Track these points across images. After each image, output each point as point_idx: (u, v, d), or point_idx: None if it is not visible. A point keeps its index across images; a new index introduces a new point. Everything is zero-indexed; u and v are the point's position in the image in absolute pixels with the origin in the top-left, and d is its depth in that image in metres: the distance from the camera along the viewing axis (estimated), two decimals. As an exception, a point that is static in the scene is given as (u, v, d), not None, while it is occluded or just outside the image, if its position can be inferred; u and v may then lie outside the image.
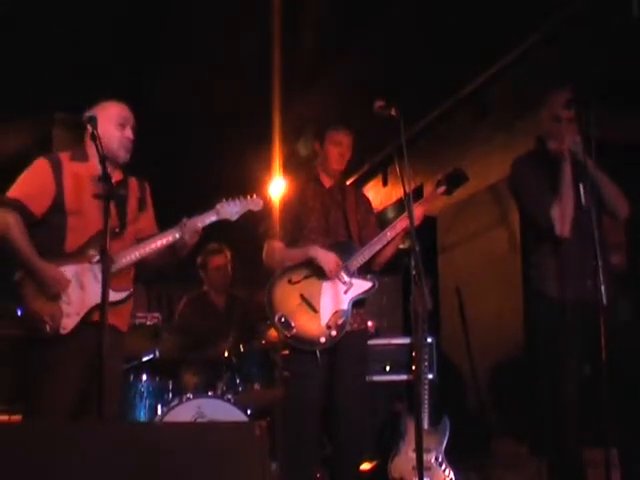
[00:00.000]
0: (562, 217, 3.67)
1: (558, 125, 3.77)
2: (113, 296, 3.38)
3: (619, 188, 3.75)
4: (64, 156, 3.61)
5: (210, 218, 3.63)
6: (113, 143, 3.56)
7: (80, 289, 3.43)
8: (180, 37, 5.33)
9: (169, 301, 8.68)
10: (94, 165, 3.54)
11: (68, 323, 3.38)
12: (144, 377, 4.80)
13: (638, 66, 4.34)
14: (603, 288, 3.34)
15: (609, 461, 3.29)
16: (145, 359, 4.94)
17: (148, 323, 5.12)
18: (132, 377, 4.81)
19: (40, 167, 3.55)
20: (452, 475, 4.50)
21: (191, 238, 3.59)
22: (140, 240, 3.62)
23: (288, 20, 4.87)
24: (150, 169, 3.84)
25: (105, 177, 3.27)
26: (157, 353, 4.93)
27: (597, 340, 3.33)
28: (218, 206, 3.65)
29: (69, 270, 3.44)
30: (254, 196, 3.75)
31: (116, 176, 3.59)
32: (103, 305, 3.12)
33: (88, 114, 3.45)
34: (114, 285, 3.39)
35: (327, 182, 4.27)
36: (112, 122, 3.57)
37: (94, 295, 3.39)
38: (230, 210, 3.67)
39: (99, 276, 3.39)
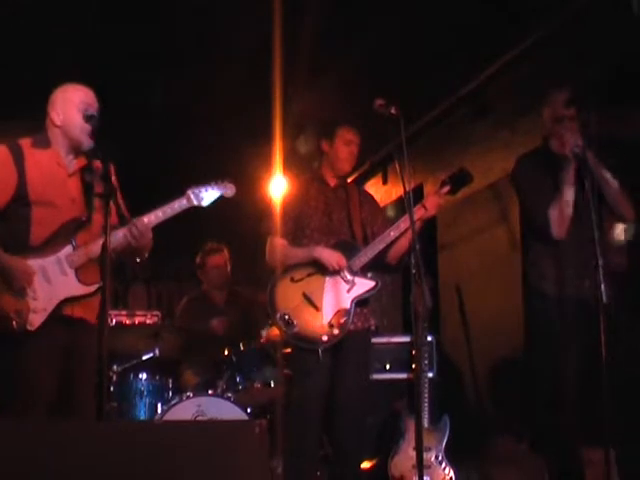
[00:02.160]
0: (559, 219, 3.67)
1: (560, 125, 3.77)
2: (82, 289, 3.32)
3: (623, 190, 3.74)
4: (25, 143, 3.46)
5: (181, 204, 3.49)
6: (75, 129, 3.42)
7: (47, 283, 3.31)
8: (180, 34, 5.32)
9: (169, 300, 8.69)
10: (57, 152, 3.46)
11: (35, 319, 3.26)
12: (144, 376, 4.80)
13: (638, 64, 4.33)
14: (603, 286, 3.34)
15: (609, 461, 3.29)
16: (145, 358, 4.95)
17: (148, 322, 5.14)
18: (132, 376, 4.81)
19: (0, 156, 3.38)
20: (452, 473, 4.50)
21: (138, 240, 3.41)
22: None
23: (289, 17, 4.86)
24: (150, 166, 3.84)
25: (105, 175, 3.21)
26: (157, 352, 4.94)
27: (596, 339, 3.34)
28: (189, 191, 3.51)
29: (35, 264, 3.31)
30: (226, 181, 3.61)
31: (80, 162, 3.50)
32: (103, 304, 3.07)
33: (88, 112, 3.40)
34: (83, 278, 3.32)
35: (332, 181, 4.24)
36: (74, 107, 3.43)
37: (61, 289, 3.31)
38: (201, 196, 3.52)
39: (67, 269, 3.32)
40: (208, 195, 3.54)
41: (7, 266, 3.26)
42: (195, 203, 3.51)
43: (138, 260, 3.64)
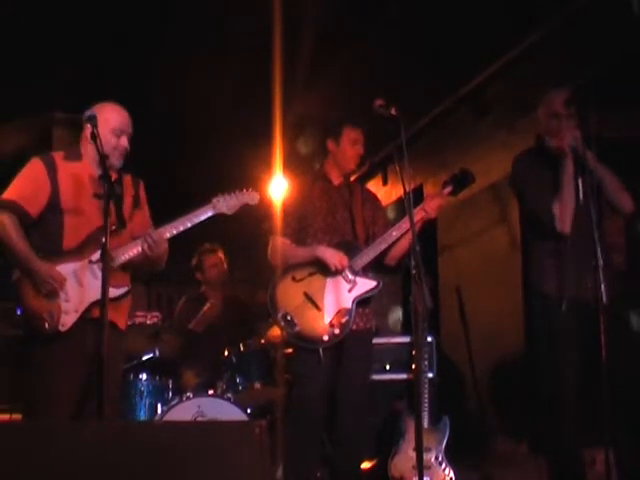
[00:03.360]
0: (563, 213, 3.67)
1: (557, 122, 3.77)
2: (112, 292, 3.37)
3: (622, 183, 3.75)
4: (58, 156, 3.63)
5: (207, 213, 3.62)
6: (107, 150, 3.52)
7: (79, 286, 3.45)
8: (179, 35, 5.32)
9: (169, 301, 8.69)
10: (88, 164, 3.60)
11: (67, 320, 3.40)
12: (144, 376, 4.80)
13: (638, 64, 4.34)
14: (603, 287, 3.33)
15: (609, 461, 3.29)
16: (145, 358, 4.95)
17: (148, 322, 5.12)
18: (132, 376, 4.81)
19: (34, 167, 3.57)
20: (452, 474, 4.49)
21: (153, 250, 3.53)
22: (135, 238, 3.62)
23: (289, 17, 4.86)
24: (150, 168, 3.84)
25: (105, 176, 3.28)
26: (157, 352, 4.94)
27: (596, 339, 3.34)
28: (214, 200, 3.64)
29: (67, 268, 3.45)
30: (250, 190, 3.73)
31: (111, 175, 3.58)
32: (103, 303, 3.12)
33: (88, 113, 3.46)
34: (112, 282, 3.39)
35: (336, 180, 4.23)
36: (109, 128, 3.55)
37: (92, 292, 3.41)
38: (226, 204, 3.65)
39: (98, 273, 3.42)
40: (233, 203, 3.66)
41: (36, 271, 3.40)
42: (221, 211, 3.64)
43: (153, 269, 3.75)
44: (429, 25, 5.08)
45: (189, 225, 3.59)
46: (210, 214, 3.63)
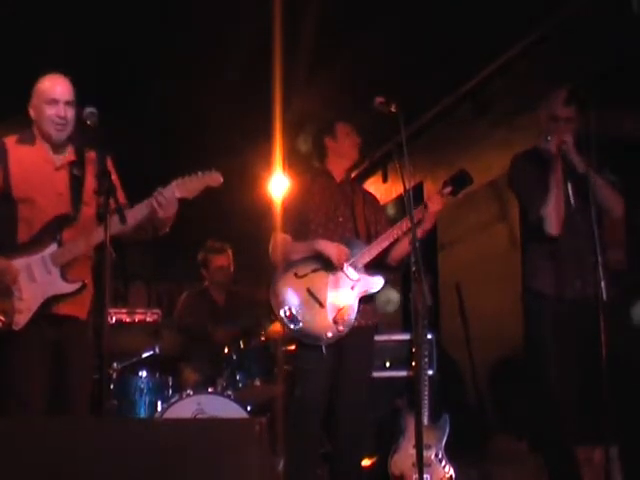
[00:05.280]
0: (552, 215, 3.69)
1: (555, 124, 3.78)
2: (66, 288, 3.32)
3: (613, 187, 3.76)
4: (10, 140, 3.44)
5: (168, 194, 3.33)
6: (44, 122, 3.37)
7: (32, 282, 3.31)
8: (179, 33, 5.32)
9: (170, 299, 8.68)
10: (43, 147, 3.43)
11: (20, 319, 3.28)
12: (144, 373, 4.80)
13: (638, 64, 4.34)
14: (603, 284, 3.34)
15: (609, 459, 3.30)
16: (145, 355, 4.95)
17: (148, 320, 5.13)
18: (132, 374, 4.81)
19: None
20: (452, 471, 4.50)
21: (166, 211, 3.33)
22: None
23: (289, 15, 4.86)
24: (149, 165, 3.83)
25: (103, 173, 3.16)
26: (157, 349, 4.94)
27: (594, 337, 3.34)
28: (174, 183, 3.36)
29: (19, 263, 3.30)
30: (212, 170, 3.42)
31: (68, 156, 3.47)
32: (104, 303, 3.08)
33: (88, 110, 3.30)
34: (68, 276, 3.32)
35: (338, 176, 4.23)
36: (41, 99, 3.37)
37: (45, 288, 3.31)
38: (186, 187, 3.36)
39: (51, 268, 3.31)
40: (194, 185, 3.37)
41: None
42: (182, 195, 3.35)
43: (158, 233, 3.52)
44: (429, 24, 5.08)
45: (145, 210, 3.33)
46: (171, 196, 3.33)
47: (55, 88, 3.39)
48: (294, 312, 3.90)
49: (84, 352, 3.47)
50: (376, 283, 4.03)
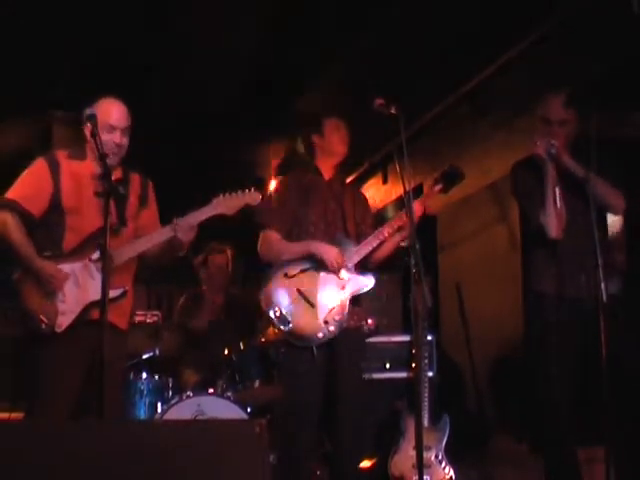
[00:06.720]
0: (552, 221, 3.69)
1: (548, 127, 3.79)
2: (109, 293, 3.34)
3: (612, 185, 3.76)
4: (62, 155, 3.63)
5: (207, 213, 3.60)
6: (103, 145, 3.47)
7: (76, 287, 3.45)
8: (179, 34, 5.33)
9: (169, 301, 8.67)
10: (90, 163, 3.59)
11: (63, 321, 3.40)
12: (144, 375, 4.80)
13: (638, 64, 4.34)
14: (603, 285, 3.34)
15: (609, 460, 3.29)
16: (145, 357, 4.95)
17: (148, 321, 5.13)
18: (132, 375, 4.80)
19: (37, 167, 3.58)
20: (452, 473, 4.50)
21: (185, 236, 3.56)
22: (138, 237, 3.62)
23: (288, 17, 4.87)
24: (150, 167, 3.84)
25: (105, 174, 3.26)
26: (157, 351, 4.94)
27: (594, 338, 3.34)
28: (215, 200, 3.61)
29: (66, 268, 3.46)
30: (252, 190, 3.69)
31: (116, 174, 3.58)
32: (103, 303, 3.11)
33: (88, 112, 3.42)
34: (110, 282, 3.34)
35: (327, 173, 4.19)
36: (102, 125, 3.50)
37: (90, 293, 3.41)
38: (227, 204, 3.62)
39: (95, 274, 3.43)
40: (234, 203, 3.63)
41: (40, 269, 3.42)
42: (221, 212, 3.61)
43: (175, 256, 3.75)
44: (429, 24, 5.08)
45: (192, 222, 3.58)
46: (210, 214, 3.61)
47: (112, 114, 3.57)
48: (284, 313, 3.86)
49: (120, 362, 3.66)
50: (367, 283, 4.02)
